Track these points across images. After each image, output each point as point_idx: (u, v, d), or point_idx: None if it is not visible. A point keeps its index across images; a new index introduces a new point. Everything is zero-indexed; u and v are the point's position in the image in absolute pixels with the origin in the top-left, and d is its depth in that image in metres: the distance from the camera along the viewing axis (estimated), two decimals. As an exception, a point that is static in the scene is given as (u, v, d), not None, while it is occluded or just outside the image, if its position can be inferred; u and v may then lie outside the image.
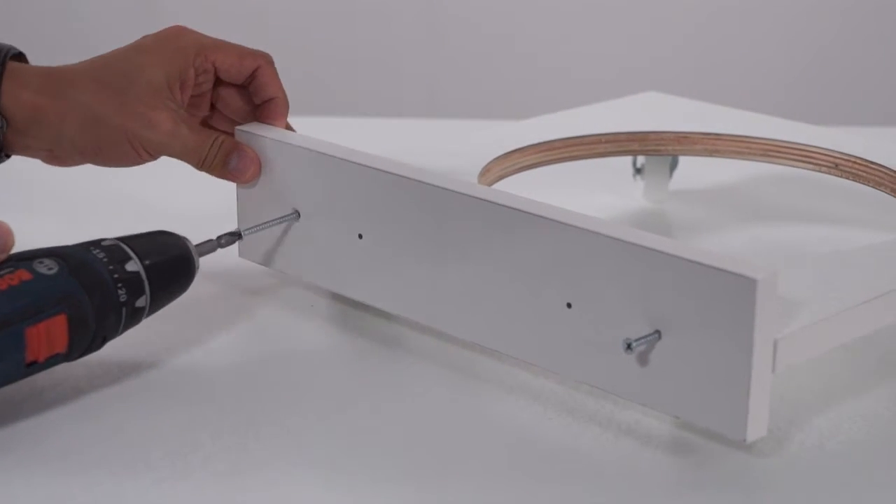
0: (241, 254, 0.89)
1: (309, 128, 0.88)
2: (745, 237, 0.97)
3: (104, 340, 0.74)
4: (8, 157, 0.84)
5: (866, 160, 0.96)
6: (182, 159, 0.84)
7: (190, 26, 0.86)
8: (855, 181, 0.96)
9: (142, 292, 0.74)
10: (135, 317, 0.75)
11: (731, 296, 0.65)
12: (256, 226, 0.84)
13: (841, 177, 0.97)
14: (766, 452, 0.70)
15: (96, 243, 0.74)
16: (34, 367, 0.71)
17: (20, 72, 0.82)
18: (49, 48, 1.52)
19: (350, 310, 0.87)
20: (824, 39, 2.30)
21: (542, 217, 0.73)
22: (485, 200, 0.75)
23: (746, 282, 0.65)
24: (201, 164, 0.84)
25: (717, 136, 1.01)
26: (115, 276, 0.73)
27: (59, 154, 0.85)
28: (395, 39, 2.32)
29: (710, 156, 1.02)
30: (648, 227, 0.75)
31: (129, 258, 0.74)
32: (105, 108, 0.82)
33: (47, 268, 0.71)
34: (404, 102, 2.33)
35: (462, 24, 2.32)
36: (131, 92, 0.82)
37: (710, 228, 0.72)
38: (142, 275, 0.74)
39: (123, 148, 0.83)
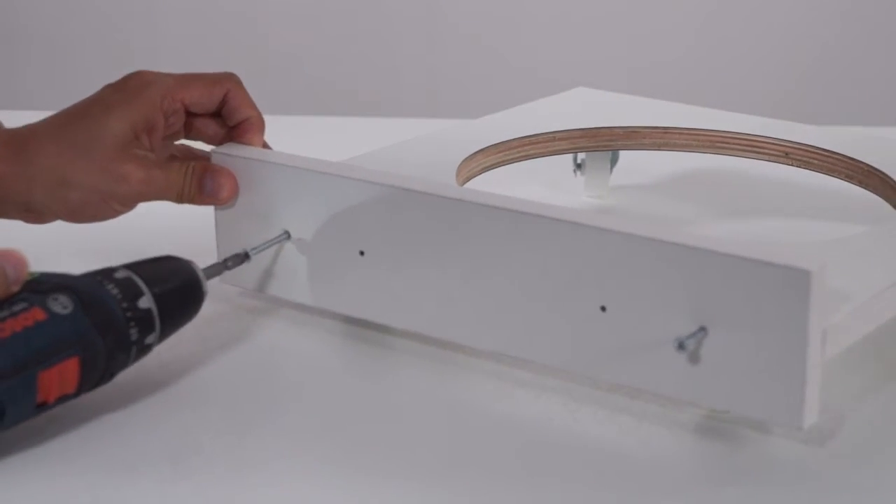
0: (224, 280, 0.86)
1: (310, 127, 0.87)
2: (702, 232, 0.98)
3: (112, 376, 0.73)
4: None
5: (818, 148, 0.98)
6: (160, 199, 0.83)
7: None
8: (807, 169, 0.99)
9: (152, 329, 0.73)
10: (143, 353, 0.74)
11: (783, 288, 0.67)
12: (262, 244, 0.82)
13: (792, 165, 1.00)
14: (767, 452, 0.72)
15: (108, 274, 0.73)
16: (44, 408, 0.70)
17: None
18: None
19: (336, 320, 0.86)
20: (786, 37, 2.35)
21: (570, 223, 0.73)
22: (506, 209, 0.75)
23: (800, 274, 0.66)
24: (180, 199, 0.83)
25: (666, 130, 1.03)
26: (128, 314, 0.72)
27: (34, 216, 0.83)
28: (396, 39, 2.29)
29: (660, 149, 1.03)
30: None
31: (142, 293, 0.73)
32: (72, 169, 0.80)
33: (62, 306, 0.70)
34: (403, 102, 2.30)
35: (462, 23, 2.31)
36: (97, 150, 0.80)
37: (668, 223, 0.73)
38: (153, 312, 0.73)
39: (98, 206, 0.81)
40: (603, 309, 0.73)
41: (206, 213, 0.86)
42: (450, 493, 0.68)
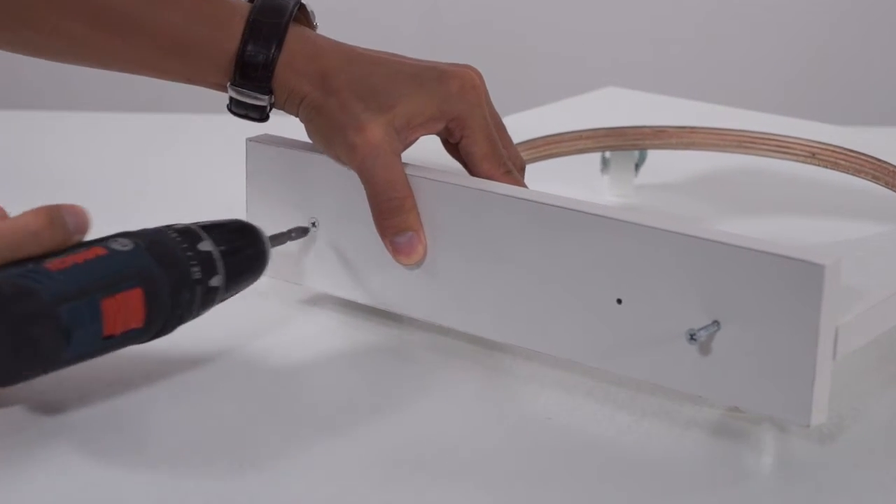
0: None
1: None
2: (737, 228, 0.98)
3: (180, 320, 0.74)
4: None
5: (844, 148, 0.98)
6: (365, 185, 0.80)
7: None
8: (834, 170, 0.99)
9: (215, 271, 0.74)
10: (209, 297, 0.74)
11: (797, 283, 0.67)
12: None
13: (819, 166, 1.00)
14: (768, 453, 0.72)
15: (168, 226, 0.74)
16: (111, 341, 0.70)
17: (297, 53, 0.80)
18: None
19: (356, 310, 0.86)
20: (800, 38, 2.34)
21: (589, 214, 0.73)
22: (526, 200, 0.76)
23: (814, 268, 0.67)
24: (377, 204, 0.79)
25: (692, 129, 1.03)
26: (189, 254, 0.73)
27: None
28: (425, 36, 2.30)
29: (687, 149, 1.04)
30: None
31: (202, 239, 0.74)
32: (341, 115, 0.79)
33: (121, 245, 0.71)
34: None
35: (461, 23, 2.31)
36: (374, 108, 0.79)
37: (692, 222, 0.74)
38: (214, 254, 0.74)
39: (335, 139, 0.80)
40: (619, 301, 0.73)
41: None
42: (468, 494, 0.68)
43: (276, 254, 0.85)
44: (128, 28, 0.80)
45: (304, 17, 0.83)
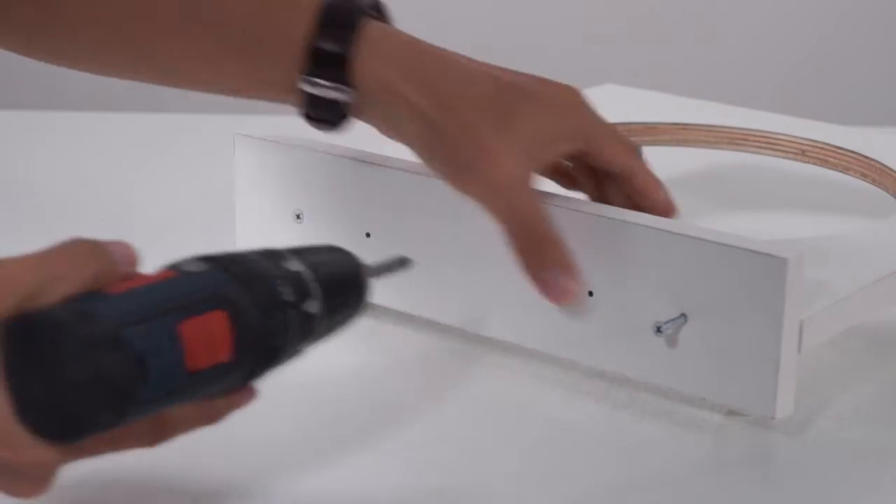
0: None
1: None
2: (718, 226, 0.99)
3: (277, 352, 0.60)
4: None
5: (834, 146, 0.99)
6: (501, 222, 0.71)
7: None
8: (823, 167, 1.00)
9: (308, 294, 0.61)
10: (307, 325, 0.61)
11: (760, 276, 0.68)
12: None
13: (808, 163, 1.00)
14: (769, 451, 0.72)
15: (246, 250, 0.62)
16: (198, 378, 0.57)
17: (381, 43, 0.71)
18: None
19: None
20: (803, 36, 2.34)
21: (560, 207, 0.74)
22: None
23: (777, 261, 0.67)
24: (517, 242, 0.71)
25: (684, 126, 1.04)
26: (273, 272, 0.60)
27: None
28: (428, 34, 2.31)
29: (678, 145, 1.04)
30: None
31: (287, 257, 0.62)
32: (461, 134, 0.71)
33: (195, 267, 0.59)
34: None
35: (459, 20, 2.32)
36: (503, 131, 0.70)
37: (689, 218, 0.74)
38: (305, 275, 0.61)
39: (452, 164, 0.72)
40: (591, 294, 0.74)
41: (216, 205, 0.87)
42: (450, 488, 0.68)
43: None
44: (187, 22, 0.71)
45: (383, 17, 0.75)
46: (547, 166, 0.74)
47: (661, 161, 1.12)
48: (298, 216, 0.85)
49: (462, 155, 0.70)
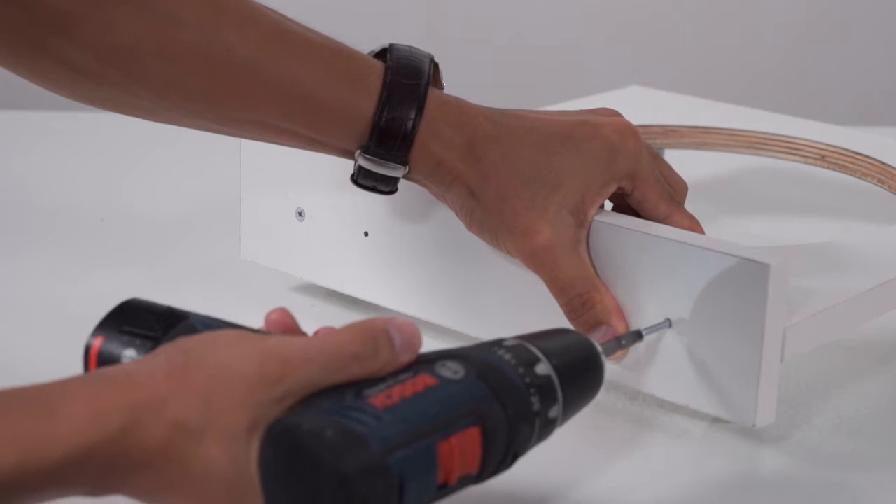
0: (244, 255, 0.89)
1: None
2: (736, 230, 0.98)
3: (514, 458, 0.61)
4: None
5: (853, 151, 0.98)
6: (547, 286, 0.73)
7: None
8: (841, 172, 0.98)
9: (554, 400, 0.62)
10: (546, 430, 0.62)
11: (743, 282, 0.67)
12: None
13: (827, 168, 0.99)
14: (766, 449, 0.72)
15: (497, 343, 0.63)
16: (445, 490, 0.58)
17: (439, 122, 0.72)
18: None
19: (345, 311, 0.88)
20: (809, 36, 2.32)
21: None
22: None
23: (759, 267, 0.66)
24: (563, 305, 0.73)
25: (705, 130, 1.03)
26: (527, 380, 0.61)
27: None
28: (453, 34, 2.32)
29: (698, 149, 1.04)
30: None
31: (538, 359, 0.62)
32: (499, 206, 0.72)
33: (452, 371, 0.60)
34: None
35: (479, 21, 2.33)
36: (539, 193, 0.72)
37: (702, 221, 0.74)
38: (553, 380, 0.62)
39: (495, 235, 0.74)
40: (579, 298, 0.74)
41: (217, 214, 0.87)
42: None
43: (266, 242, 0.86)
44: (250, 82, 0.70)
45: (435, 74, 0.75)
46: (592, 216, 0.74)
47: (681, 164, 1.12)
48: (300, 214, 0.86)
49: (502, 224, 0.72)
